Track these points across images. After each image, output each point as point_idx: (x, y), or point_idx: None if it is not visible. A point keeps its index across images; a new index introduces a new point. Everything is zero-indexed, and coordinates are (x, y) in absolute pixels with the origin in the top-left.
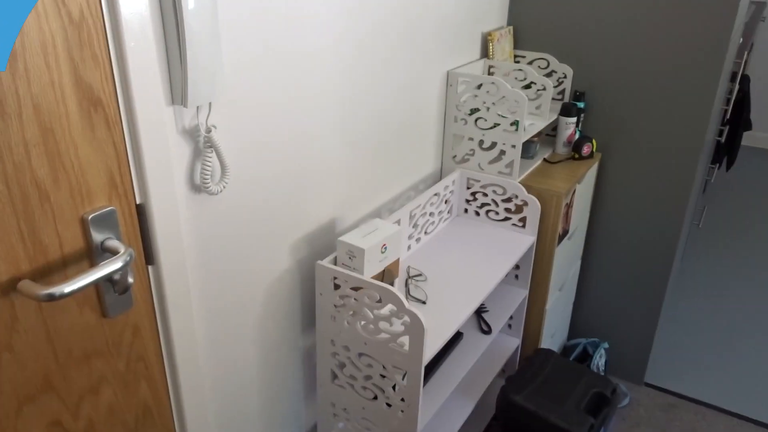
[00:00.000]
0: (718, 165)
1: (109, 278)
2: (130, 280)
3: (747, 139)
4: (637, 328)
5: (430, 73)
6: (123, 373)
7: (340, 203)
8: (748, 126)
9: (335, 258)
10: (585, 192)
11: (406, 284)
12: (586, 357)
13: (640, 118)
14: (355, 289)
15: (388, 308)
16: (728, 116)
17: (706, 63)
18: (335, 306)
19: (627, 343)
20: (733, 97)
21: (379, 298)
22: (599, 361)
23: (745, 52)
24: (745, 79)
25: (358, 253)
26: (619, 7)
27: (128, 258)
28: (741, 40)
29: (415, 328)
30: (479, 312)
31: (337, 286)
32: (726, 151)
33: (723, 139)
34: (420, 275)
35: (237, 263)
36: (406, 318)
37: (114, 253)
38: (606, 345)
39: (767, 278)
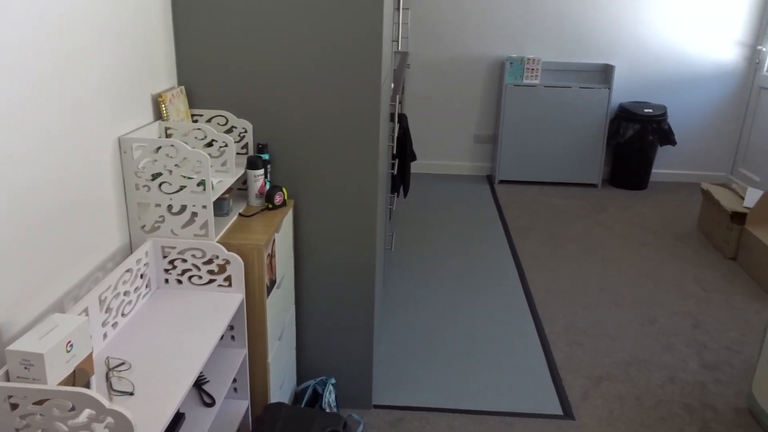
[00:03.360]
0: (396, 194)
1: None
2: None
3: (415, 167)
4: (356, 356)
5: (97, 141)
6: None
7: (2, 307)
8: (413, 157)
9: (7, 372)
10: (285, 239)
11: (107, 378)
12: (317, 397)
13: (321, 163)
14: (40, 403)
15: (86, 414)
16: (395, 151)
17: (365, 108)
18: (17, 430)
19: (351, 373)
20: (396, 135)
21: (71, 406)
22: (329, 398)
23: (398, 95)
24: (403, 118)
25: (36, 359)
26: (282, 62)
27: None
28: (393, 85)
29: (122, 428)
30: (199, 385)
31: (14, 406)
32: (400, 181)
33: (395, 171)
34: (123, 364)
35: None
36: (110, 419)
37: None
38: (333, 380)
39: (453, 282)
